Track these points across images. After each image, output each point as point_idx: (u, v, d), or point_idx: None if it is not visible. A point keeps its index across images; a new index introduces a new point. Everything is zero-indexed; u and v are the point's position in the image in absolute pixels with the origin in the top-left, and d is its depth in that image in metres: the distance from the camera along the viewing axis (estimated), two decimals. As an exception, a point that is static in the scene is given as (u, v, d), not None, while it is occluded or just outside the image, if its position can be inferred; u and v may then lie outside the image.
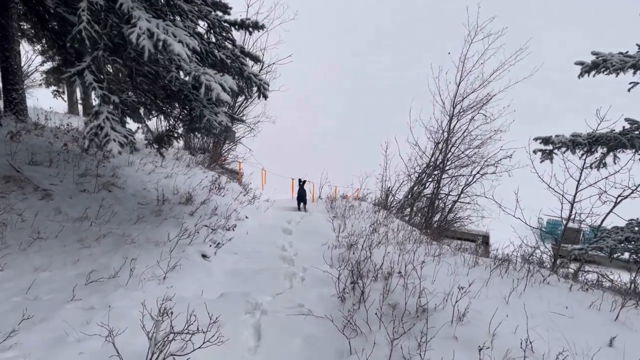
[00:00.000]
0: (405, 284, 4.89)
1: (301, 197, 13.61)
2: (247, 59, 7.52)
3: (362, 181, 16.28)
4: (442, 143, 16.29)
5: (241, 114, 17.33)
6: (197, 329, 3.65)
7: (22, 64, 14.52)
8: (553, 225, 23.24)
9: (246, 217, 9.94)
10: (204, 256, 6.70)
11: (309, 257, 7.60)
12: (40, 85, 24.01)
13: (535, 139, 8.36)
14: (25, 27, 14.89)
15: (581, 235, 23.04)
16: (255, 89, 7.66)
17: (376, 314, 4.28)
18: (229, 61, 7.12)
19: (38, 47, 18.72)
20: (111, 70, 6.46)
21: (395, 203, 17.26)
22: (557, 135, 8.30)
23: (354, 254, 6.84)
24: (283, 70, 17.28)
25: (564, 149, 8.20)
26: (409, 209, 17.00)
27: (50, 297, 4.66)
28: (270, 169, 18.21)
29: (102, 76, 6.07)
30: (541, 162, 8.43)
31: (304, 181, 14.00)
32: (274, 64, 16.93)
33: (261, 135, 18.48)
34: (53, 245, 6.01)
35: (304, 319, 4.77)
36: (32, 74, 21.59)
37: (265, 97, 7.72)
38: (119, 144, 5.58)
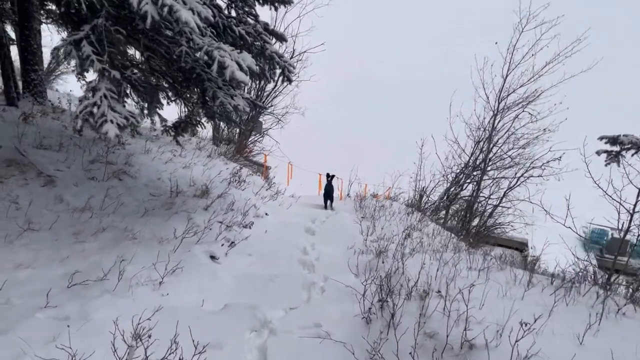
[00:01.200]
0: (446, 307, 4.01)
1: (328, 193, 12.49)
2: (272, 37, 6.74)
3: (394, 180, 15.35)
4: (483, 142, 15.17)
5: (269, 104, 16.61)
6: None
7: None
8: (598, 234, 21.74)
9: (266, 213, 9.20)
10: (212, 257, 5.97)
11: (332, 262, 6.79)
12: (73, 71, 23.91)
13: (600, 138, 7.29)
14: (50, 7, 14.58)
15: (628, 246, 21.44)
16: (278, 71, 6.88)
17: (410, 353, 3.42)
18: (250, 38, 6.36)
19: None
20: (117, 45, 5.81)
21: (429, 204, 16.26)
22: (625, 135, 7.20)
23: (383, 262, 5.98)
24: (315, 59, 16.48)
25: (632, 151, 7.11)
26: (443, 212, 15.97)
27: (23, 301, 4.00)
28: (297, 163, 17.48)
29: (103, 48, 5.40)
30: (606, 165, 7.35)
31: (333, 176, 12.82)
32: (305, 52, 16.14)
33: (289, 127, 17.74)
34: (43, 239, 5.38)
35: (320, 342, 3.96)
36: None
37: (290, 80, 6.94)
38: (117, 125, 4.89)
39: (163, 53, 6.74)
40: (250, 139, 17.06)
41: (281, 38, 6.88)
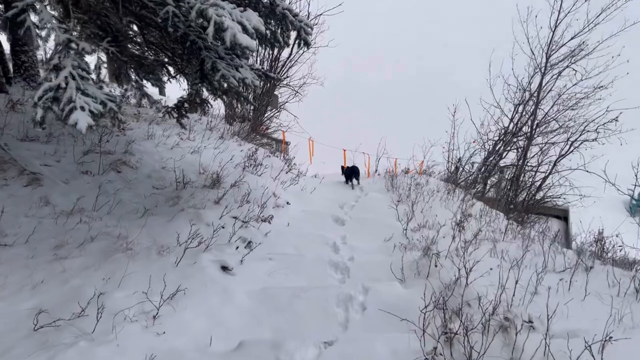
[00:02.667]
0: (548, 349, 2.90)
1: (354, 172, 11.78)
2: (282, -10, 5.52)
3: (426, 152, 14.11)
4: (524, 104, 13.65)
5: (284, 75, 15.36)
6: None
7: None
8: (644, 196, 20.18)
9: (287, 202, 8.13)
10: (224, 268, 4.94)
11: (370, 263, 5.71)
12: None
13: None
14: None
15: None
16: (293, 33, 5.70)
17: None
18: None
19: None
20: (86, 8, 4.68)
21: (466, 176, 14.97)
22: None
23: (436, 265, 4.86)
24: (332, 22, 15.05)
25: None
26: (481, 184, 14.69)
27: (-31, 358, 3.05)
28: (318, 138, 16.31)
29: (67, 13, 4.31)
30: None
31: (351, 166, 12.14)
32: (321, 14, 14.70)
33: (308, 99, 16.50)
34: (16, 257, 4.42)
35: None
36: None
37: (308, 44, 5.75)
38: (90, 113, 3.83)
39: (158, 22, 5.62)
40: (266, 115, 15.92)
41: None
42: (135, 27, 7.08)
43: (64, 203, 5.74)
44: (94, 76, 4.46)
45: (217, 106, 14.67)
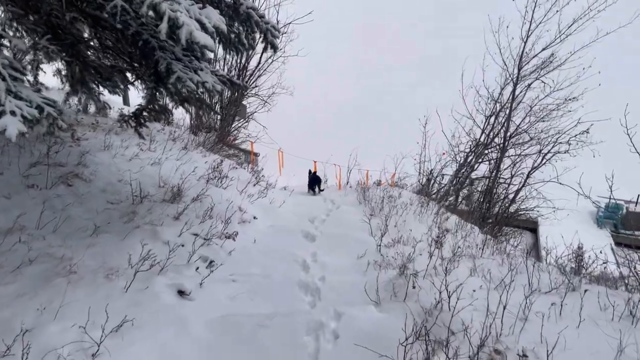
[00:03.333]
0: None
1: (314, 181, 12.56)
2: (246, -11, 5.14)
3: (397, 163, 13.85)
4: (497, 116, 13.60)
5: (253, 84, 14.93)
6: None
7: None
8: (612, 209, 20.58)
9: (254, 217, 7.68)
10: (180, 293, 4.46)
11: (342, 283, 5.31)
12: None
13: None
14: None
15: (646, 220, 20.28)
16: (259, 35, 5.32)
17: None
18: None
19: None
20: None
21: (438, 188, 14.80)
22: None
23: (414, 287, 4.51)
24: (302, 31, 14.74)
25: None
26: (453, 196, 14.53)
27: None
28: (288, 149, 15.92)
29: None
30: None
31: (315, 172, 12.99)
32: (290, 23, 14.37)
33: (277, 109, 16.08)
34: (-63, 286, 3.86)
35: None
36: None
37: (275, 48, 5.37)
38: (22, 119, 3.34)
39: (113, 23, 5.14)
40: (233, 125, 15.42)
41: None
42: (88, 30, 6.59)
43: (2, 220, 5.16)
44: (30, 77, 3.97)
45: (182, 115, 14.10)
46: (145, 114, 7.15)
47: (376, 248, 6.70)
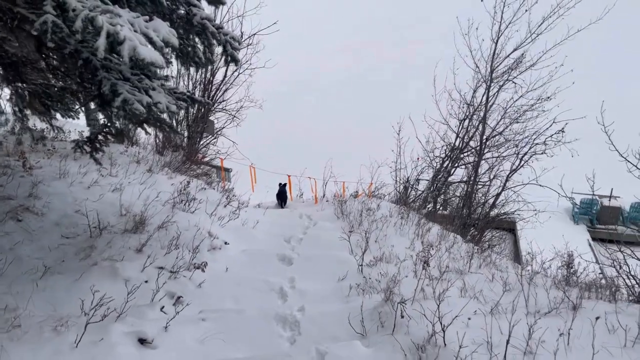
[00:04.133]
0: None
1: (282, 194, 12.84)
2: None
3: (373, 173, 13.54)
4: (471, 119, 13.44)
5: (219, 99, 14.45)
6: None
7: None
8: (587, 204, 20.75)
9: (225, 242, 7.20)
10: (141, 341, 3.97)
11: (324, 315, 4.88)
12: None
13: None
14: None
15: (619, 215, 20.49)
16: (217, 48, 4.90)
17: None
18: (166, 1, 4.34)
19: None
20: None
21: (415, 196, 14.55)
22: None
23: (402, 316, 4.12)
24: (269, 42, 14.35)
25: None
26: (432, 203, 14.29)
27: None
28: (261, 164, 15.43)
29: None
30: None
31: (285, 184, 13.16)
32: (255, 34, 13.97)
33: (247, 124, 15.60)
34: None
35: None
36: None
37: (235, 61, 4.96)
38: None
39: (57, 41, 4.66)
40: (202, 142, 14.88)
41: (215, 0, 4.82)
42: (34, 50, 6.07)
43: (-63, 268, 4.61)
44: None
45: (150, 134, 13.51)
46: (101, 137, 6.65)
47: (357, 268, 6.32)
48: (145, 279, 5.26)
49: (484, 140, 12.89)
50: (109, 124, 6.46)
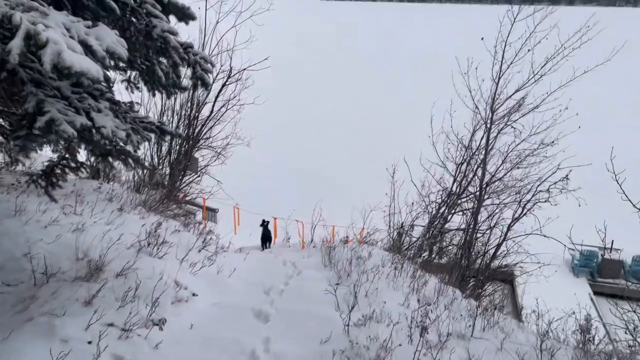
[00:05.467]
0: None
1: (266, 237, 12.26)
2: (165, 13, 4.14)
3: (365, 217, 12.84)
4: (469, 163, 12.90)
5: (205, 134, 13.87)
6: None
7: None
8: (587, 257, 20.06)
9: (193, 294, 6.39)
10: None
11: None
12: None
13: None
14: None
15: (621, 267, 19.82)
16: (184, 69, 4.30)
17: None
18: (125, 13, 3.76)
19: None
20: None
21: (409, 243, 13.84)
22: None
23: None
24: (259, 77, 13.93)
25: None
26: (427, 251, 13.55)
27: None
28: (246, 205, 14.74)
29: None
30: None
31: (267, 222, 12.54)
32: (244, 69, 13.55)
33: (233, 162, 14.99)
34: None
35: None
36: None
37: (205, 84, 4.39)
38: None
39: None
40: (184, 180, 14.19)
41: (182, 13, 4.22)
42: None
43: None
44: None
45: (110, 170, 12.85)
46: (58, 171, 5.97)
47: (344, 329, 5.53)
48: (89, 339, 4.46)
49: (484, 186, 12.26)
50: (65, 156, 5.80)
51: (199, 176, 14.58)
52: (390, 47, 75.49)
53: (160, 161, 13.68)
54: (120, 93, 6.58)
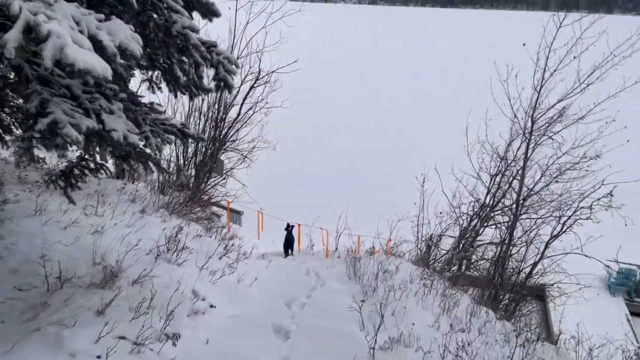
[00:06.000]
0: None
1: (289, 242, 12.30)
2: (188, 9, 3.87)
3: (392, 227, 12.42)
4: (504, 175, 12.34)
5: (231, 137, 13.71)
6: None
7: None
8: (625, 275, 19.08)
9: (211, 305, 6.11)
10: None
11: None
12: None
13: None
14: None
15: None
16: (207, 69, 4.03)
17: None
18: (145, 8, 3.51)
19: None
20: None
21: (438, 256, 13.35)
22: None
23: None
24: (287, 79, 13.67)
25: None
26: (456, 265, 13.01)
27: None
28: (271, 210, 14.45)
29: None
30: None
31: (292, 226, 12.52)
32: (273, 72, 13.32)
33: (259, 165, 14.77)
34: None
35: None
36: None
37: (229, 87, 4.10)
38: None
39: None
40: (209, 183, 14.04)
41: (205, 9, 3.94)
42: None
43: None
44: None
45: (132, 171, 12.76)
46: (77, 172, 5.79)
47: (369, 352, 5.17)
48: (98, 353, 4.22)
49: (521, 200, 11.61)
50: (85, 157, 5.63)
51: (224, 179, 14.43)
52: (424, 52, 74.64)
53: (186, 162, 13.58)
54: (149, 96, 6.41)
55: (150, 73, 4.90)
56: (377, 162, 29.84)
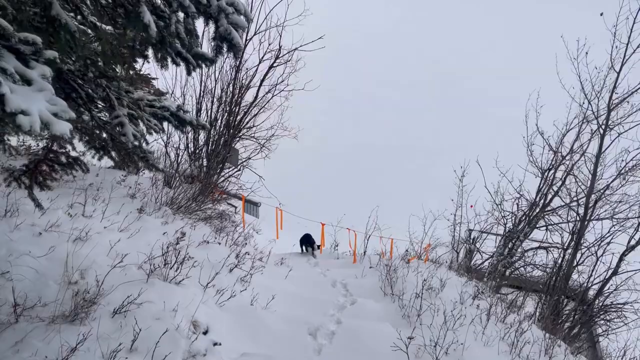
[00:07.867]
0: None
1: (308, 240, 11.27)
2: None
3: (427, 227, 11.08)
4: (553, 169, 10.76)
5: (247, 123, 12.40)
6: None
7: None
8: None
9: (215, 343, 4.80)
10: None
11: None
12: None
13: None
14: None
15: None
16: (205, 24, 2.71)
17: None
18: None
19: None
20: None
21: (481, 260, 12.03)
22: None
23: None
24: (310, 60, 12.28)
25: None
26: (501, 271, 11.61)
27: None
28: (290, 206, 13.18)
29: None
30: None
31: (314, 242, 11.35)
32: (295, 49, 11.93)
33: (277, 156, 13.48)
34: None
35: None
36: None
37: (234, 47, 2.75)
38: None
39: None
40: (222, 174, 12.79)
41: None
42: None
43: None
44: None
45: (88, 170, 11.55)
46: (45, 168, 4.56)
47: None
48: None
49: (593, 202, 9.93)
50: (52, 148, 4.37)
51: (239, 170, 13.14)
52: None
53: (197, 151, 12.35)
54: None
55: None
56: (409, 154, 28.37)
